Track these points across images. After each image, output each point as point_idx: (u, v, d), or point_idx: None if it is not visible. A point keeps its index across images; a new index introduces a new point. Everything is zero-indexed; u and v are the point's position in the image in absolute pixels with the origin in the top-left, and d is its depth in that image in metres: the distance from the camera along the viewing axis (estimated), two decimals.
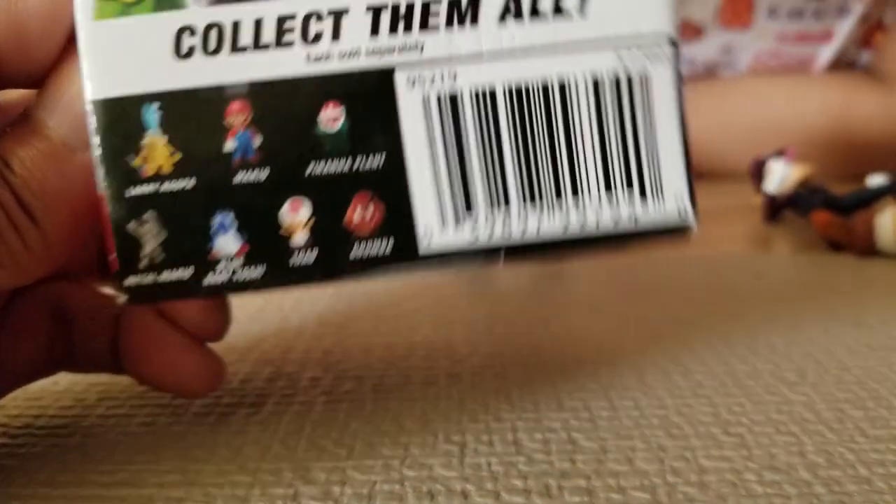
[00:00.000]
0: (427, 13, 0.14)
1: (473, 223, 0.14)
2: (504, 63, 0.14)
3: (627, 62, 0.15)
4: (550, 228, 0.14)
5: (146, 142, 0.14)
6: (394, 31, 0.14)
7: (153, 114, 0.14)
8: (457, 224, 0.14)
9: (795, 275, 0.33)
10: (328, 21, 0.14)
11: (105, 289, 0.21)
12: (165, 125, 0.14)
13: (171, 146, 0.14)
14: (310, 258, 0.14)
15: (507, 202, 0.14)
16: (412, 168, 0.14)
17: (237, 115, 0.14)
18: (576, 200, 0.14)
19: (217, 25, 0.14)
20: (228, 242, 0.14)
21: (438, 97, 0.15)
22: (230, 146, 0.14)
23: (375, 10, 0.14)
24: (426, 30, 0.14)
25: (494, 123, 0.14)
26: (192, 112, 0.14)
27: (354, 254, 0.14)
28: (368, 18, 0.14)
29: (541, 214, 0.14)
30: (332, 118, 0.14)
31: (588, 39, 0.15)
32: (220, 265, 0.14)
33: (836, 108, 0.61)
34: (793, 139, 0.54)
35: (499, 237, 0.14)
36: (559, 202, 0.14)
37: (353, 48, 0.14)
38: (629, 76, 0.15)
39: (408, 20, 0.14)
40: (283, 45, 0.14)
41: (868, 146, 0.60)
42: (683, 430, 0.20)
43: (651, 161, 0.15)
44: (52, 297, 0.19)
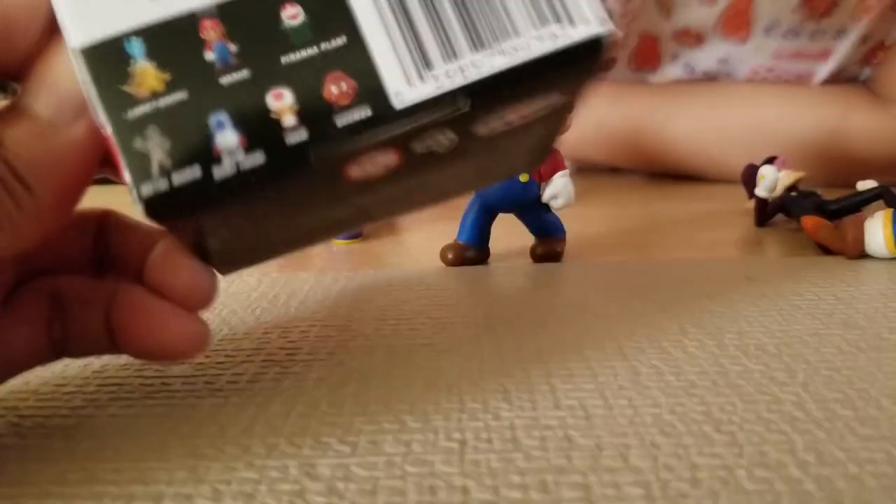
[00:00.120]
0: None
1: (434, 76, 0.16)
2: None
3: None
4: (499, 65, 0.16)
5: (135, 70, 0.16)
6: None
7: (136, 47, 0.16)
8: (420, 80, 0.16)
9: (786, 277, 0.34)
10: None
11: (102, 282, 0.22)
12: (149, 54, 0.16)
13: (159, 70, 0.16)
14: (303, 134, 0.16)
15: (457, 54, 0.16)
16: (370, 42, 0.16)
17: (210, 31, 0.16)
18: (514, 40, 0.16)
19: None
20: (227, 136, 0.15)
21: None
22: (210, 57, 0.16)
23: None
24: None
25: None
26: (171, 38, 0.16)
27: (340, 121, 0.16)
28: None
29: (487, 57, 0.16)
30: (292, 15, 0.16)
31: None
32: (225, 158, 0.15)
33: (831, 122, 0.60)
34: (787, 150, 0.53)
35: (458, 82, 0.16)
36: (499, 45, 0.16)
37: None
38: None
39: None
40: None
41: (861, 162, 0.60)
42: (676, 428, 0.20)
43: None
44: (50, 287, 0.21)
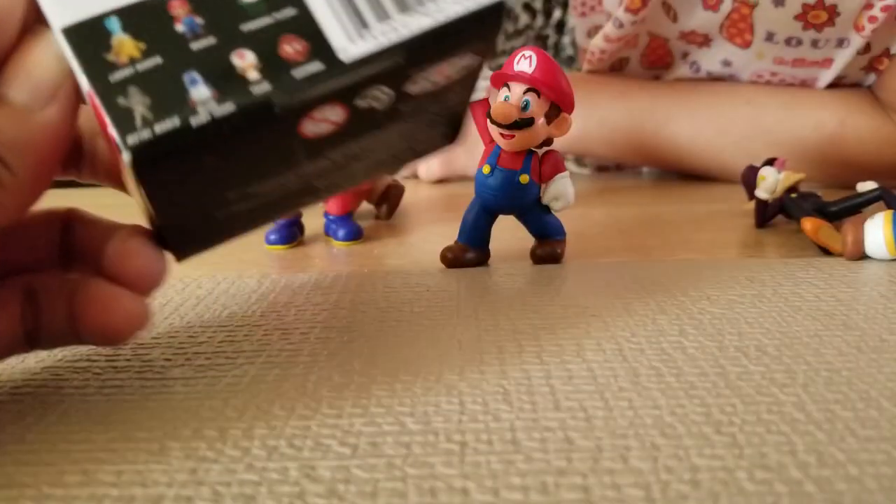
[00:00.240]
0: None
1: (372, 35, 0.19)
2: None
3: None
4: (425, 24, 0.19)
5: (114, 42, 0.18)
6: None
7: (114, 23, 0.18)
8: (361, 38, 0.19)
9: (786, 279, 0.34)
10: None
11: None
12: (126, 28, 0.18)
13: (136, 40, 0.18)
14: (266, 86, 0.18)
15: (388, 15, 0.19)
16: (315, 11, 0.19)
17: (179, 9, 0.19)
18: (435, 4, 0.20)
19: None
20: (201, 90, 0.18)
21: None
22: (181, 29, 0.19)
23: None
24: None
25: None
26: (144, 16, 0.19)
27: (298, 74, 0.19)
28: None
29: (414, 19, 0.19)
30: None
31: None
32: (200, 108, 0.18)
33: (831, 127, 0.60)
34: (787, 153, 0.53)
35: (392, 38, 0.19)
36: (423, 7, 0.19)
37: None
38: None
39: None
40: None
41: (860, 166, 0.60)
42: (676, 430, 0.20)
43: None
44: (23, 283, 0.22)
